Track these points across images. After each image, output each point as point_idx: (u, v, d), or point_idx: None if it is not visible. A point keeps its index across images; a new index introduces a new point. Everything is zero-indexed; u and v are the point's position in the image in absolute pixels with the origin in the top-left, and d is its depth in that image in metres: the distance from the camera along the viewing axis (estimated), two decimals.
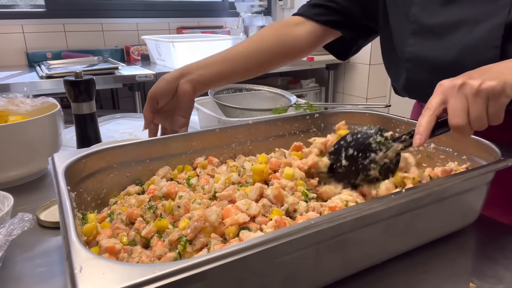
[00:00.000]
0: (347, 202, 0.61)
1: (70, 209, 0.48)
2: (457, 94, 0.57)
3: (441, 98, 0.59)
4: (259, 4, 2.95)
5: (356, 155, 0.66)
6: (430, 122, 0.59)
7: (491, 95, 0.56)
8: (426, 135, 0.59)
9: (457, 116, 0.57)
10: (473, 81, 0.57)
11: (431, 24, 0.80)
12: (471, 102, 0.57)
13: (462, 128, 0.58)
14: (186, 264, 0.37)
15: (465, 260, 0.61)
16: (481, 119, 0.57)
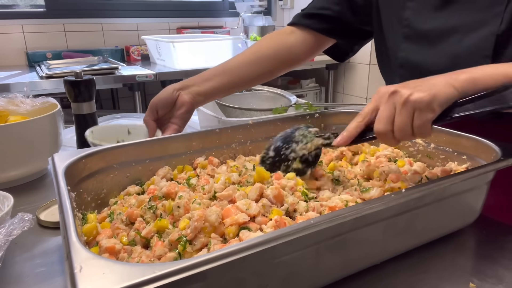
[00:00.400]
0: (347, 202, 0.61)
1: (70, 209, 0.48)
2: (387, 101, 0.59)
3: (374, 105, 0.61)
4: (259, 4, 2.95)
5: (281, 146, 0.70)
6: (356, 128, 0.63)
7: (417, 107, 0.56)
8: (347, 139, 0.63)
9: (381, 122, 0.59)
10: (404, 90, 0.58)
11: (424, 29, 0.79)
12: (398, 111, 0.58)
13: (385, 135, 0.59)
14: (186, 264, 0.37)
15: (465, 260, 0.61)
16: (404, 130, 0.58)
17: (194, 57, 2.38)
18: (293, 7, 3.27)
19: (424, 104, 0.56)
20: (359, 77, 2.86)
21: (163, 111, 0.89)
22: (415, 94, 0.57)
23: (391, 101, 0.58)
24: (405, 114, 0.57)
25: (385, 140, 0.61)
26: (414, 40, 0.81)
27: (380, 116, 0.59)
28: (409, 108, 0.57)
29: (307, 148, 0.68)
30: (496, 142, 0.66)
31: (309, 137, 0.69)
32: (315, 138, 0.68)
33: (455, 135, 0.74)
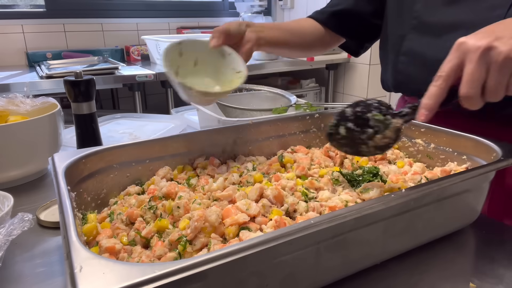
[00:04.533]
0: (346, 202, 0.61)
1: (70, 209, 0.48)
2: (479, 60, 0.49)
3: (457, 62, 0.51)
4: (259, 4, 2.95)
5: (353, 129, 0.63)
6: (440, 94, 0.52)
7: None
8: (433, 107, 0.53)
9: (473, 86, 0.50)
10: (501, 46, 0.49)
11: (431, 22, 0.81)
12: (493, 72, 0.49)
13: (472, 99, 0.51)
14: (186, 263, 0.37)
15: (465, 260, 0.61)
16: (498, 92, 0.50)
17: None
18: (293, 7, 3.27)
19: None
20: (359, 77, 2.86)
21: (233, 39, 0.83)
22: None
23: (484, 59, 0.49)
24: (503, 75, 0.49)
25: (472, 103, 0.52)
26: (421, 31, 0.83)
27: (471, 78, 0.50)
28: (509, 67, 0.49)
29: (387, 136, 0.60)
30: (496, 142, 0.66)
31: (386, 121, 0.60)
32: (393, 121, 0.60)
33: (455, 135, 0.74)
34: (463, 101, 0.52)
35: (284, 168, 0.78)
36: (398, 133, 0.61)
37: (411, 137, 0.83)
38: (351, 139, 0.63)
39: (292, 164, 0.79)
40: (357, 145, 0.63)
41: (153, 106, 2.94)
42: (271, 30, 0.93)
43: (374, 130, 0.61)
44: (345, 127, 0.64)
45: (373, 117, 0.61)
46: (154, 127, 1.29)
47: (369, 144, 0.62)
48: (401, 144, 0.85)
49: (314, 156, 0.83)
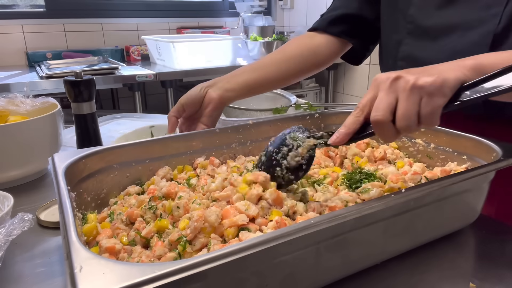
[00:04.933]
0: (347, 202, 0.61)
1: (70, 209, 0.48)
2: (388, 88, 0.52)
3: (373, 94, 0.54)
4: (259, 4, 2.95)
5: (271, 151, 0.63)
6: (354, 122, 0.55)
7: (426, 93, 0.50)
8: (345, 137, 0.56)
9: (379, 110, 0.52)
10: (409, 75, 0.52)
11: (426, 25, 0.81)
12: (402, 98, 0.51)
13: (383, 125, 0.52)
14: (186, 263, 0.37)
15: (465, 260, 0.61)
16: (409, 119, 0.51)
17: (194, 57, 2.37)
18: (293, 7, 3.27)
19: (434, 88, 0.50)
20: (359, 77, 2.86)
21: (190, 109, 0.87)
22: (422, 78, 0.50)
23: (393, 88, 0.52)
24: (411, 101, 0.50)
25: (383, 131, 0.53)
26: (417, 35, 0.83)
27: (379, 104, 0.52)
28: (416, 94, 0.50)
29: (299, 154, 0.60)
30: (496, 142, 0.66)
31: (300, 139, 0.62)
32: (306, 140, 0.61)
33: (455, 135, 0.74)
34: (375, 127, 0.53)
35: None
36: (312, 153, 0.61)
37: (411, 137, 0.83)
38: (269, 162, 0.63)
39: None
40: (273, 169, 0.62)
41: (153, 106, 2.94)
42: (241, 76, 0.91)
43: (288, 148, 0.61)
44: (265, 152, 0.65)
45: (289, 136, 0.63)
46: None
47: (283, 164, 0.61)
48: (401, 144, 0.85)
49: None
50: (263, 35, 2.76)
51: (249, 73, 0.92)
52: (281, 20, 3.42)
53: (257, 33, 2.78)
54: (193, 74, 2.37)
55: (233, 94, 0.89)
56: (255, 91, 0.95)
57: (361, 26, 0.99)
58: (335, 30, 0.99)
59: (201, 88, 0.87)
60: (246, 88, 0.91)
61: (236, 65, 2.52)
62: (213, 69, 2.40)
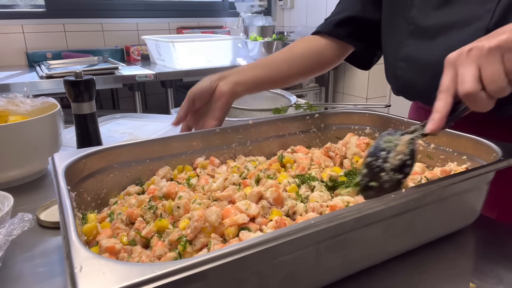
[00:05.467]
0: (347, 202, 0.61)
1: (70, 209, 0.48)
2: (466, 60, 0.52)
3: (452, 73, 0.54)
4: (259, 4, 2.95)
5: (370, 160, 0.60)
6: (445, 105, 0.54)
7: (505, 49, 0.50)
8: (440, 121, 0.54)
9: (466, 82, 0.51)
10: (480, 43, 0.52)
11: (425, 25, 0.82)
12: (483, 63, 0.51)
13: (475, 97, 0.51)
14: (186, 263, 0.37)
15: (465, 260, 0.61)
16: (498, 80, 0.50)
17: (194, 57, 2.37)
18: (293, 7, 3.27)
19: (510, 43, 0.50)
20: (359, 77, 2.86)
21: (201, 102, 0.86)
22: (495, 39, 0.51)
23: (470, 59, 0.51)
24: (494, 63, 0.50)
25: (477, 102, 0.52)
26: (417, 36, 0.83)
27: (463, 77, 0.51)
28: (496, 54, 0.50)
29: (400, 152, 0.57)
30: (496, 142, 0.66)
31: (394, 140, 0.59)
32: (402, 137, 0.59)
33: (455, 135, 0.74)
34: (468, 101, 0.52)
35: (284, 168, 0.78)
36: (412, 147, 0.58)
37: None
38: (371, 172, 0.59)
39: (292, 164, 0.79)
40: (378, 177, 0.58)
41: (153, 106, 2.94)
42: (252, 71, 0.91)
43: (387, 151, 0.58)
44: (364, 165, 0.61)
45: (383, 141, 0.60)
46: (154, 127, 1.29)
47: (386, 168, 0.57)
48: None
49: (314, 156, 0.83)
50: (263, 35, 2.76)
51: (261, 69, 0.92)
52: (281, 20, 3.42)
53: (257, 33, 2.78)
54: (193, 74, 2.37)
55: (244, 88, 0.88)
56: (263, 87, 0.96)
57: (365, 29, 0.99)
58: (339, 33, 0.99)
59: (211, 81, 0.86)
60: (256, 83, 0.91)
61: (236, 65, 2.52)
62: (213, 69, 2.40)
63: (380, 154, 0.59)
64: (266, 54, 2.65)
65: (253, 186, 0.66)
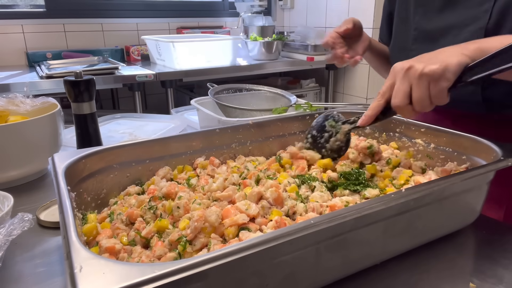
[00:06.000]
0: (347, 202, 0.61)
1: (70, 209, 0.48)
2: (403, 77, 0.63)
3: (391, 81, 0.65)
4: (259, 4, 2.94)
5: (315, 135, 0.81)
6: (377, 106, 0.67)
7: (432, 78, 0.60)
8: (370, 118, 0.69)
9: (398, 97, 0.63)
10: (418, 65, 0.61)
11: (428, 29, 0.88)
12: (414, 85, 0.62)
13: (403, 108, 0.64)
14: (186, 263, 0.37)
15: (465, 260, 0.61)
16: (422, 101, 0.62)
17: (194, 57, 2.37)
18: (293, 7, 3.26)
19: (438, 75, 0.60)
20: (359, 77, 2.86)
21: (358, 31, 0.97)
22: (428, 67, 0.60)
23: (406, 76, 0.62)
24: (421, 87, 0.61)
25: (403, 113, 0.65)
26: (421, 40, 0.89)
27: (397, 92, 0.63)
28: (424, 81, 0.61)
29: (338, 139, 0.77)
30: (496, 142, 0.66)
31: (337, 126, 0.78)
32: (342, 126, 0.77)
33: (455, 135, 0.74)
34: (397, 110, 0.65)
35: (283, 168, 0.78)
36: (348, 137, 0.78)
37: (411, 137, 0.83)
38: (315, 144, 0.81)
39: (290, 164, 0.79)
40: (319, 149, 0.80)
41: (153, 106, 2.94)
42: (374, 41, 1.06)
43: (329, 134, 0.79)
44: (311, 135, 0.82)
45: (328, 123, 0.80)
46: (154, 127, 1.29)
47: (327, 147, 0.79)
48: (401, 144, 0.85)
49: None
50: (263, 35, 2.75)
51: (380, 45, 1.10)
52: (281, 20, 3.42)
53: (257, 33, 2.77)
54: (193, 74, 2.36)
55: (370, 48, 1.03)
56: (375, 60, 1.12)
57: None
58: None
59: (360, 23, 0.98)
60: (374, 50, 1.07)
61: (236, 65, 2.52)
62: (213, 69, 2.40)
63: (324, 135, 0.79)
64: (266, 54, 2.65)
65: (253, 186, 0.66)
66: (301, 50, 2.73)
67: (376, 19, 2.57)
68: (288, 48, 2.82)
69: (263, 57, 2.67)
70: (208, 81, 1.30)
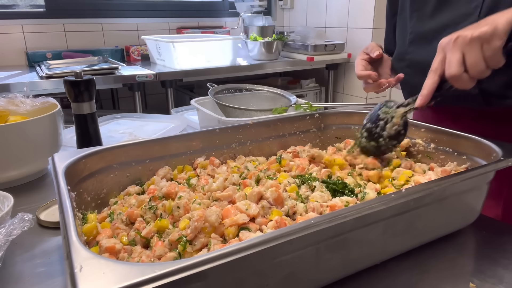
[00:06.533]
0: (347, 202, 0.61)
1: (70, 209, 0.48)
2: (453, 47, 0.63)
3: (441, 56, 0.65)
4: (259, 4, 2.94)
5: (371, 127, 0.76)
6: (432, 83, 0.66)
7: (484, 40, 0.60)
8: (427, 97, 0.67)
9: (451, 66, 0.62)
10: (466, 32, 0.62)
11: (423, 31, 0.90)
12: (466, 50, 0.61)
13: (458, 78, 0.62)
14: (186, 263, 0.37)
15: (465, 260, 0.61)
16: (477, 65, 0.61)
17: (194, 57, 2.37)
18: (293, 7, 3.27)
19: (489, 35, 0.60)
20: None
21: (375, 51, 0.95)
22: (478, 30, 0.60)
23: (456, 45, 0.62)
24: (475, 50, 0.60)
25: (461, 82, 0.63)
26: (417, 42, 0.91)
27: (450, 61, 0.63)
28: (477, 43, 0.60)
29: (395, 123, 0.73)
30: (496, 142, 0.66)
31: (391, 111, 0.74)
32: (397, 110, 0.74)
33: (455, 135, 0.74)
34: (452, 81, 0.64)
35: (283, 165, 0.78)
36: (405, 119, 0.74)
37: (411, 137, 0.83)
38: (371, 136, 0.76)
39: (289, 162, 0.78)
40: (376, 140, 0.75)
41: (153, 106, 2.94)
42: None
43: (384, 121, 0.74)
44: (365, 128, 0.77)
45: (381, 111, 0.76)
46: (154, 127, 1.29)
47: (384, 135, 0.74)
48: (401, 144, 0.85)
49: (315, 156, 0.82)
50: (263, 35, 2.75)
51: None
52: (281, 20, 3.42)
53: (257, 33, 2.77)
54: (193, 74, 2.36)
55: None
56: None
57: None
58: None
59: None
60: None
61: (236, 65, 2.52)
62: (213, 69, 2.40)
63: (379, 123, 0.75)
64: (266, 54, 2.65)
65: (253, 186, 0.66)
66: (301, 50, 2.73)
67: (376, 19, 2.57)
68: (288, 48, 2.83)
69: (263, 57, 2.67)
70: (208, 81, 1.31)
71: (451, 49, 0.63)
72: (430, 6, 0.88)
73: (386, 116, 0.74)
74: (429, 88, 0.66)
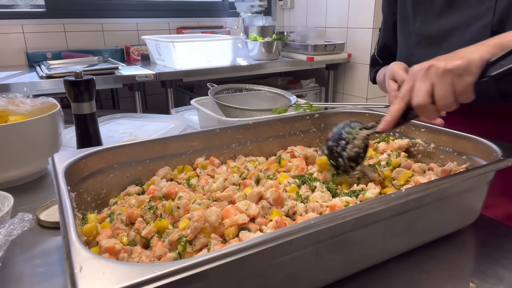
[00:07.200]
0: (347, 202, 0.61)
1: (70, 209, 0.48)
2: (423, 76, 0.61)
3: (410, 84, 0.63)
4: (259, 4, 2.94)
5: (331, 145, 0.73)
6: (397, 110, 0.64)
7: (456, 74, 0.59)
8: (390, 123, 0.65)
9: (419, 95, 0.60)
10: (439, 62, 0.60)
11: (430, 33, 0.88)
12: (437, 82, 0.59)
13: (425, 108, 0.61)
14: (186, 264, 0.37)
15: (465, 260, 0.61)
16: (446, 98, 0.59)
17: (194, 57, 2.37)
18: (293, 7, 3.27)
19: (462, 69, 0.58)
20: (359, 77, 2.86)
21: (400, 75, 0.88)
22: (451, 63, 0.59)
23: (427, 75, 0.60)
24: (445, 84, 0.59)
25: (427, 113, 0.62)
26: (424, 45, 0.89)
27: (418, 91, 0.61)
28: (448, 77, 0.59)
29: (356, 145, 0.70)
30: (496, 142, 0.66)
31: (354, 132, 0.72)
32: (360, 132, 0.71)
33: (455, 135, 0.74)
34: (419, 112, 0.62)
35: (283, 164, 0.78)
36: (367, 142, 0.71)
37: (411, 137, 0.83)
38: (331, 154, 0.73)
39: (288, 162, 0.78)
40: (336, 159, 0.72)
41: (153, 106, 2.94)
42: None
43: (346, 141, 0.71)
44: (326, 146, 0.75)
45: (345, 131, 0.73)
46: (154, 127, 1.29)
47: (344, 155, 0.71)
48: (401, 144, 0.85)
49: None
50: (263, 35, 2.75)
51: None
52: (281, 20, 3.42)
53: (257, 33, 2.77)
54: (193, 74, 2.36)
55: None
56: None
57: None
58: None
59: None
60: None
61: (236, 65, 2.52)
62: (213, 69, 2.40)
63: (340, 143, 0.72)
64: (266, 54, 2.65)
65: (253, 186, 0.66)
66: (301, 50, 2.73)
67: (376, 19, 2.57)
68: (288, 48, 2.83)
69: (263, 57, 2.67)
70: (208, 81, 1.30)
71: (421, 78, 0.61)
72: (436, 6, 0.86)
73: (348, 137, 0.72)
74: (393, 114, 0.65)
